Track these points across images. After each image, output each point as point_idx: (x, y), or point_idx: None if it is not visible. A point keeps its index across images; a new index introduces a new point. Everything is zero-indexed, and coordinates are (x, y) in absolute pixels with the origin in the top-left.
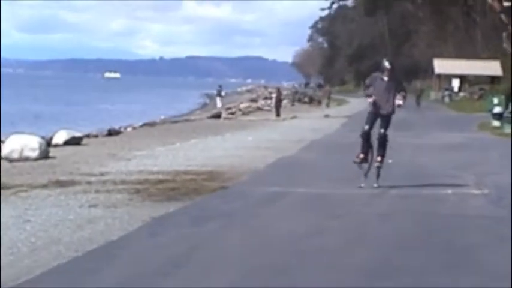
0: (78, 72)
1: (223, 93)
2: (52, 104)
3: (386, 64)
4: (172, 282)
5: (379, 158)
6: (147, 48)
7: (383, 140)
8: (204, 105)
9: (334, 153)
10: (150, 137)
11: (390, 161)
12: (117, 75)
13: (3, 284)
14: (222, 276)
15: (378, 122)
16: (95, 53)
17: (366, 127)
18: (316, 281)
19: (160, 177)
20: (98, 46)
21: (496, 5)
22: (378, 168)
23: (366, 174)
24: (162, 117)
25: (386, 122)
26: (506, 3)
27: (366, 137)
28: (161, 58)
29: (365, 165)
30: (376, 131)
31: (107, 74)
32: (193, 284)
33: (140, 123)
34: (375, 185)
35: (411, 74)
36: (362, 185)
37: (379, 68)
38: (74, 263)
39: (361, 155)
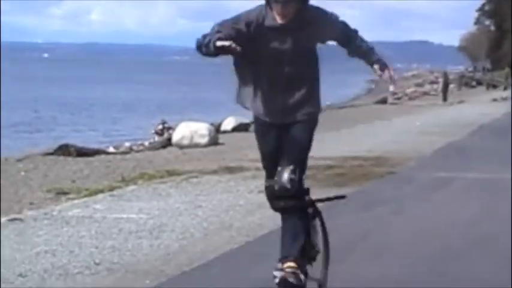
0: None
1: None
2: (218, 90)
3: None
4: (341, 267)
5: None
6: None
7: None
8: (369, 90)
9: (504, 138)
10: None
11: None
12: None
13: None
14: (391, 261)
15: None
16: None
17: None
18: (488, 268)
19: (328, 162)
20: None
21: None
22: None
23: None
24: (328, 103)
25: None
26: None
27: None
28: None
29: None
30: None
31: None
32: (365, 269)
33: None
34: None
35: None
36: None
37: None
38: (245, 248)
39: None
